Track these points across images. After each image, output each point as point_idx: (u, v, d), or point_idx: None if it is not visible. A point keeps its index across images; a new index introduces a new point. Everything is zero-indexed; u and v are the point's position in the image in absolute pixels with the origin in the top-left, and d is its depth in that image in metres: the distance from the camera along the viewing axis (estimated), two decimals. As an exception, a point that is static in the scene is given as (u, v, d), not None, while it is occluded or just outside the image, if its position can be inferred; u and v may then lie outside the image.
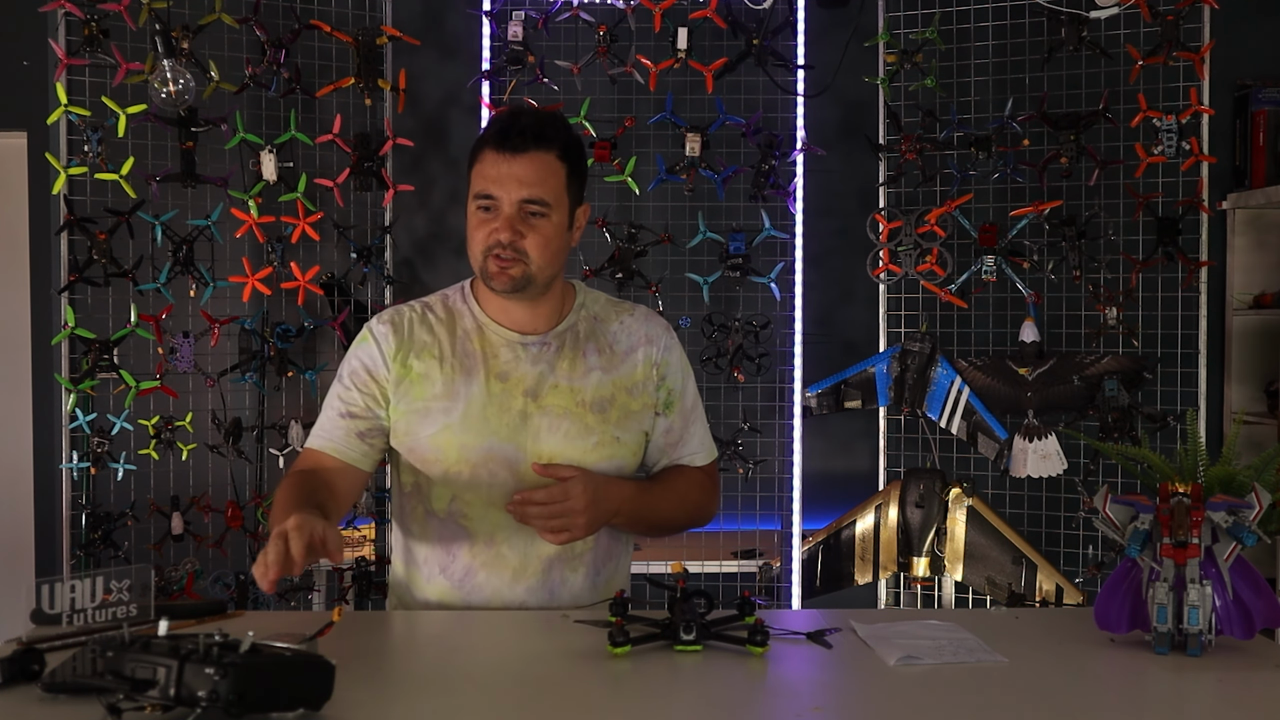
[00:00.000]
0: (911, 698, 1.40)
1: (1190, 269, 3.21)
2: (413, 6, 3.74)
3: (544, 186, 1.74)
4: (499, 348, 1.82)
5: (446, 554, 1.82)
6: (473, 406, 1.77)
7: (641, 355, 1.86)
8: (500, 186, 1.73)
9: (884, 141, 3.42)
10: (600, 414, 1.81)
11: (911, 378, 3.37)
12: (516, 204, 1.73)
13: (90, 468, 3.12)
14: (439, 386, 1.79)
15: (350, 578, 3.32)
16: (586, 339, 1.85)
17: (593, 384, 1.82)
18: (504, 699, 1.41)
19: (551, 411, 1.79)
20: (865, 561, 3.41)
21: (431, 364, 1.80)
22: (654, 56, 3.30)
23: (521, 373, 1.80)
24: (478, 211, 1.76)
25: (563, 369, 1.81)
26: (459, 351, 1.81)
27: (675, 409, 1.89)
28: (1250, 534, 1.52)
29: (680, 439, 1.90)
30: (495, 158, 1.73)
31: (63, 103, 3.04)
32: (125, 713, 1.19)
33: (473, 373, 1.79)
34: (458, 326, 1.84)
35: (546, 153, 1.74)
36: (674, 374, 1.89)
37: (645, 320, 1.90)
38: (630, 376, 1.85)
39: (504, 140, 1.73)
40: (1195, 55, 3.15)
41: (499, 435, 1.77)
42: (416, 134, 3.56)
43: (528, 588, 1.80)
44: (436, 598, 1.83)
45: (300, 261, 3.25)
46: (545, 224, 1.75)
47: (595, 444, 1.79)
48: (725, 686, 1.44)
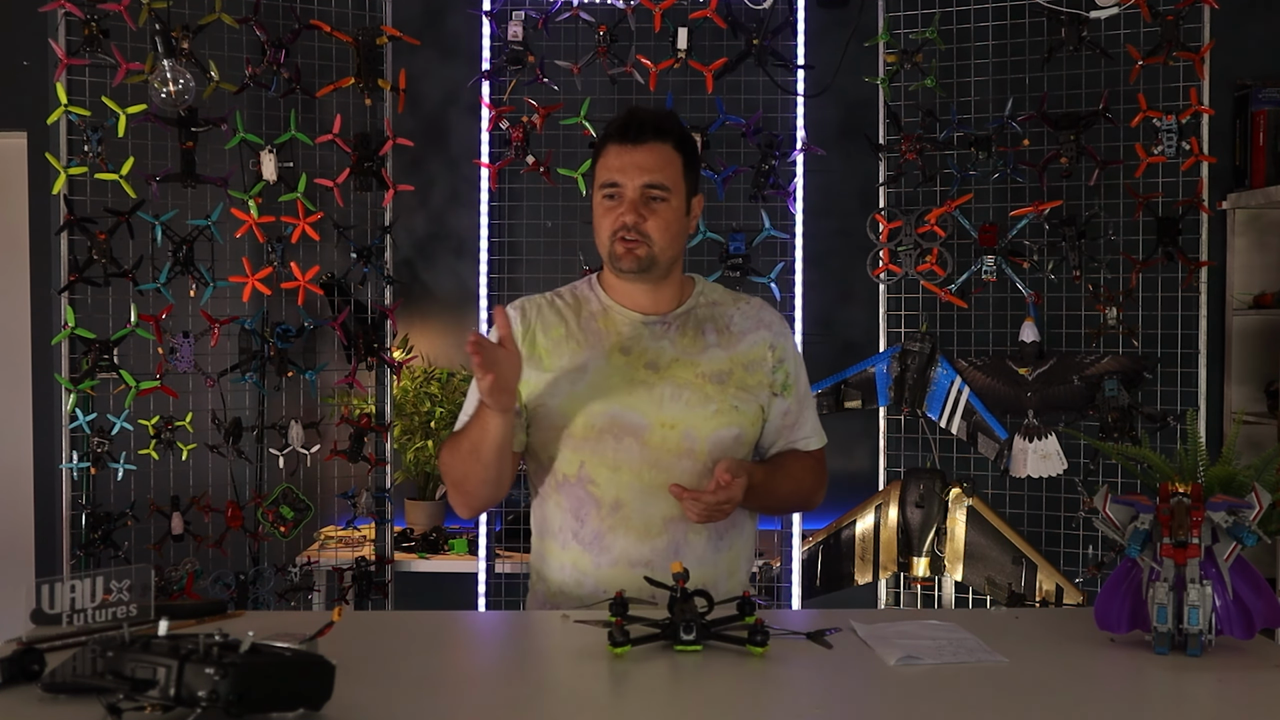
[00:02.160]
0: (911, 698, 1.40)
1: (1190, 269, 3.21)
2: (413, 6, 3.74)
3: (663, 173, 1.88)
4: (622, 326, 1.94)
5: (577, 519, 1.91)
6: (598, 376, 1.90)
7: (758, 338, 1.97)
8: (623, 174, 1.87)
9: (884, 141, 3.42)
10: (719, 385, 1.91)
11: (911, 378, 3.37)
12: (639, 189, 1.87)
13: (90, 468, 3.12)
14: (565, 359, 1.92)
15: (350, 578, 3.31)
16: (704, 321, 1.96)
17: (711, 359, 1.93)
18: (504, 699, 1.41)
19: (673, 381, 1.90)
20: (865, 561, 3.41)
21: (558, 340, 1.94)
22: (654, 56, 3.30)
23: (643, 347, 1.92)
24: (604, 201, 1.90)
25: (683, 346, 1.93)
26: (585, 329, 1.95)
27: (792, 392, 1.99)
28: (1250, 534, 1.52)
29: (796, 422, 2.00)
30: (618, 149, 1.89)
31: (63, 103, 3.04)
32: (125, 713, 1.19)
33: (597, 347, 1.93)
34: (583, 310, 1.98)
35: (664, 143, 1.89)
36: (790, 359, 1.99)
37: (761, 308, 2.03)
38: (747, 354, 1.95)
39: (625, 133, 1.89)
40: (1195, 55, 3.15)
41: (622, 402, 1.88)
42: (416, 134, 3.56)
43: (653, 547, 1.87)
44: (571, 562, 1.91)
45: (300, 261, 3.25)
46: (665, 208, 1.89)
47: (715, 411, 1.89)
48: (725, 686, 1.44)
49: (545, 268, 3.58)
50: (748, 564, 2.01)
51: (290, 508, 3.27)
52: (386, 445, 3.37)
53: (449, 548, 3.56)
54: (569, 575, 1.91)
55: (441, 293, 3.91)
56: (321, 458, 3.36)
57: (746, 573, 2.00)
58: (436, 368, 3.82)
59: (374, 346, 3.33)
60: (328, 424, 3.38)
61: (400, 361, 3.48)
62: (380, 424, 3.36)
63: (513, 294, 3.65)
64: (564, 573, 1.92)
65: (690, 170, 1.94)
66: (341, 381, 3.34)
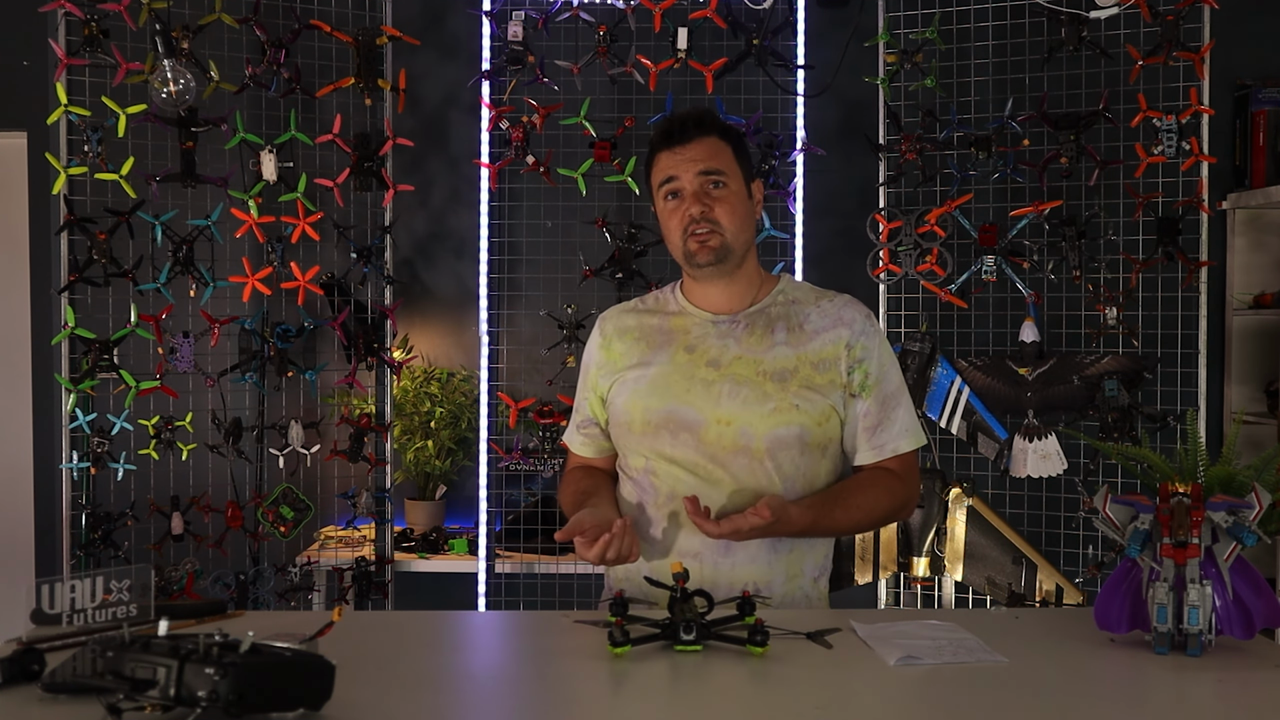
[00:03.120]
0: (911, 698, 1.40)
1: (1190, 269, 3.21)
2: (413, 6, 3.74)
3: (717, 159, 1.92)
4: (691, 326, 1.98)
5: (640, 510, 1.95)
6: (659, 373, 1.94)
7: (834, 336, 1.94)
8: (679, 169, 1.92)
9: (884, 141, 3.42)
10: (780, 383, 1.90)
11: (911, 378, 3.36)
12: (696, 179, 1.91)
13: (90, 468, 3.12)
14: (635, 358, 1.98)
15: (350, 578, 3.31)
16: (777, 319, 1.96)
17: (776, 356, 1.92)
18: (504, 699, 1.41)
19: (733, 379, 1.90)
20: (865, 561, 3.41)
21: (631, 343, 2.00)
22: (654, 56, 3.30)
23: (707, 345, 1.95)
24: (667, 202, 1.94)
25: (748, 343, 1.94)
26: (657, 330, 2.00)
27: (872, 393, 1.94)
28: (1250, 534, 1.52)
29: (879, 423, 1.95)
30: (668, 153, 1.94)
31: (63, 103, 3.04)
32: (125, 713, 1.18)
33: (665, 347, 1.97)
34: (660, 313, 2.03)
35: (708, 136, 1.93)
36: (873, 359, 1.95)
37: (845, 305, 2.00)
38: (818, 353, 1.93)
39: (669, 136, 1.94)
40: (1195, 55, 3.15)
41: (679, 399, 1.91)
42: (416, 134, 3.56)
43: (704, 540, 1.85)
44: None
45: (300, 261, 3.25)
46: (727, 192, 1.92)
47: (772, 410, 1.88)
48: (725, 686, 1.44)
49: (545, 268, 3.58)
50: (814, 569, 1.95)
51: (290, 508, 3.27)
52: (386, 445, 3.37)
53: (449, 548, 3.56)
54: (632, 564, 1.91)
55: (441, 293, 3.91)
56: (321, 458, 3.36)
57: (812, 579, 1.95)
58: (436, 368, 3.82)
59: (374, 346, 3.33)
60: (328, 424, 3.39)
61: (400, 361, 3.48)
62: (380, 424, 3.36)
63: (513, 294, 3.68)
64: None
65: (741, 156, 1.96)
66: (341, 381, 3.34)
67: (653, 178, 1.97)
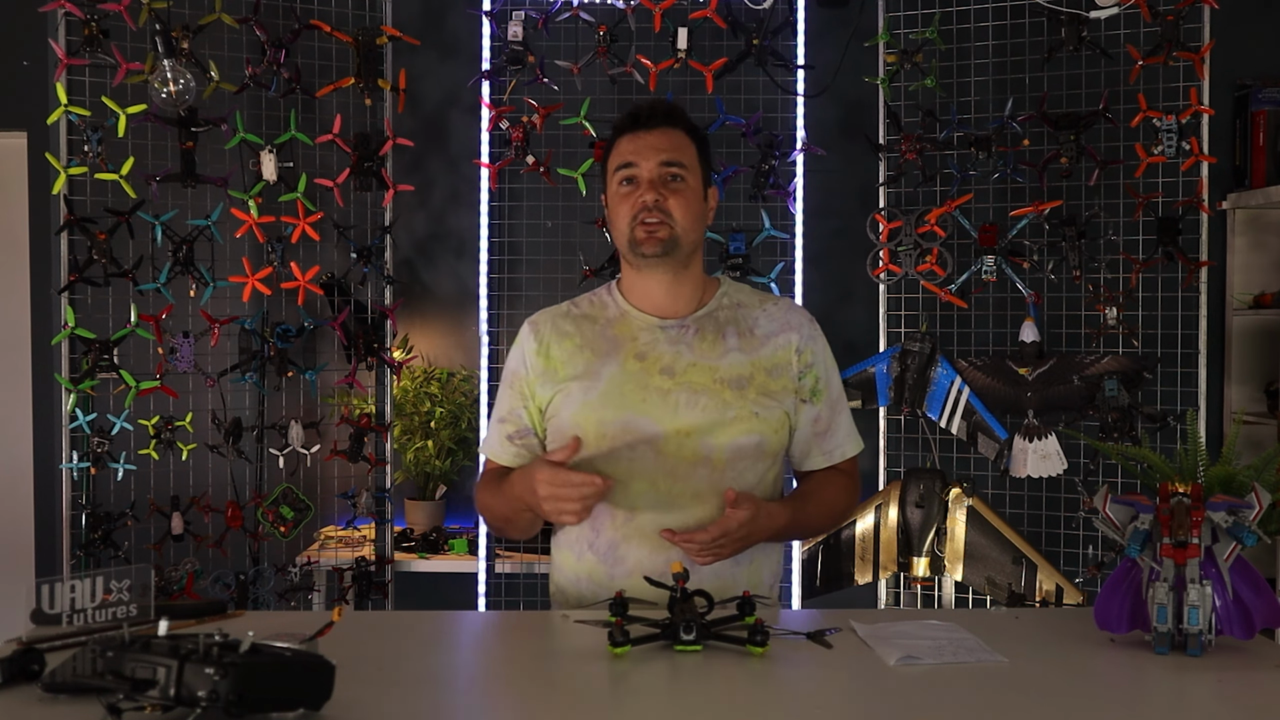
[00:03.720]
0: (911, 698, 1.40)
1: (1190, 269, 3.21)
2: (413, 6, 3.74)
3: (680, 153, 1.88)
4: (638, 331, 1.90)
5: (592, 530, 1.86)
6: (611, 384, 1.85)
7: (784, 340, 1.91)
8: (639, 155, 1.86)
9: (884, 141, 3.42)
10: (738, 390, 1.85)
11: (911, 378, 3.36)
12: (656, 167, 1.86)
13: (90, 468, 3.12)
14: (579, 369, 1.88)
15: (350, 578, 3.31)
16: (726, 324, 1.91)
17: (731, 363, 1.87)
18: (504, 699, 1.41)
19: (690, 387, 1.84)
20: (865, 561, 3.41)
21: (572, 350, 1.90)
22: (654, 56, 3.30)
23: (659, 352, 1.87)
24: (621, 186, 1.88)
25: (701, 349, 1.88)
26: (600, 337, 1.91)
27: (822, 398, 1.93)
28: (1250, 534, 1.52)
29: (828, 429, 1.95)
30: (631, 136, 1.89)
31: (63, 103, 3.04)
32: (125, 713, 1.18)
33: (612, 354, 1.88)
34: (600, 317, 1.94)
35: (676, 129, 1.89)
36: (820, 363, 1.94)
37: (789, 309, 1.97)
38: (771, 358, 1.89)
39: (636, 120, 1.89)
40: (1195, 55, 3.15)
41: (636, 409, 1.83)
42: (416, 134, 3.56)
43: (668, 559, 1.78)
44: (587, 574, 1.88)
45: (300, 261, 3.25)
46: (685, 187, 1.87)
47: (733, 418, 1.83)
48: (725, 686, 1.44)
49: (545, 268, 3.58)
50: (770, 578, 1.93)
51: (290, 508, 3.27)
52: (386, 445, 3.37)
53: (449, 548, 3.56)
54: (585, 588, 1.87)
55: (441, 293, 3.91)
56: (321, 458, 3.36)
57: (769, 587, 1.92)
58: (436, 368, 3.82)
59: (374, 346, 3.33)
60: (328, 424, 3.39)
61: (400, 361, 3.48)
62: (380, 424, 3.36)
63: (513, 294, 3.68)
64: (580, 585, 1.88)
65: (704, 157, 1.92)
66: (341, 381, 3.34)
67: (609, 161, 1.91)
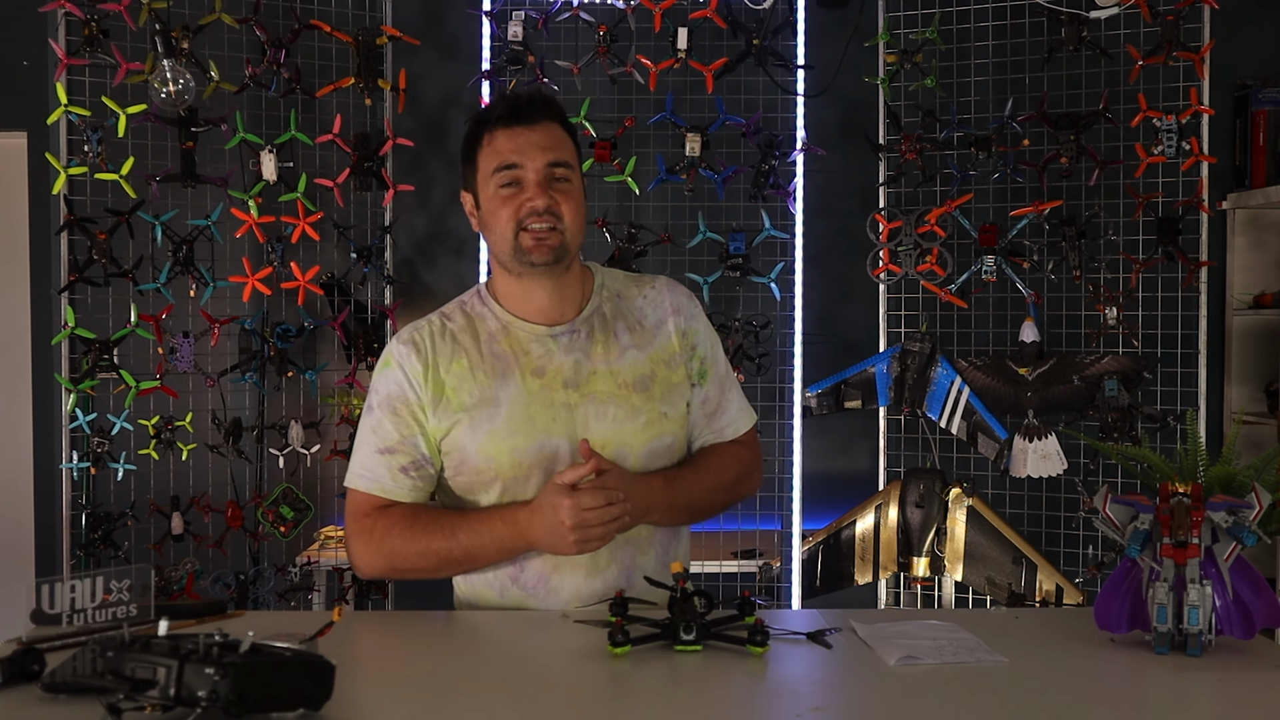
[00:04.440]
0: (911, 698, 1.40)
1: (1190, 269, 3.21)
2: (413, 6, 3.74)
3: (564, 150, 1.75)
4: (528, 344, 1.77)
5: (515, 565, 1.75)
6: (515, 408, 1.72)
7: (672, 326, 1.83)
8: (522, 154, 1.72)
9: (884, 141, 3.42)
10: (644, 392, 1.77)
11: (911, 378, 3.36)
12: (543, 169, 1.72)
13: (90, 468, 3.12)
14: (476, 395, 1.73)
15: (350, 578, 3.31)
16: (614, 319, 1.81)
17: (630, 363, 1.78)
18: (504, 699, 1.40)
19: (596, 398, 1.74)
20: (865, 561, 3.41)
21: (463, 374, 1.74)
22: (654, 56, 3.30)
23: (557, 365, 1.76)
24: (500, 190, 1.73)
25: (598, 354, 1.77)
26: (488, 355, 1.76)
27: (710, 377, 1.85)
28: (1250, 534, 1.52)
29: (718, 408, 1.87)
30: (510, 132, 1.73)
31: (63, 103, 3.04)
32: (125, 713, 1.18)
33: (507, 374, 1.74)
34: (481, 330, 1.79)
35: (555, 122, 1.77)
36: (703, 342, 1.85)
37: (669, 290, 1.86)
38: (666, 349, 1.81)
39: (516, 115, 1.74)
40: (1195, 55, 3.15)
41: (549, 432, 1.72)
42: (416, 134, 3.56)
43: (604, 580, 1.74)
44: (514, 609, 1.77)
45: (300, 261, 3.25)
46: (571, 188, 1.75)
47: (645, 424, 1.75)
48: (725, 686, 1.44)
49: (545, 268, 3.58)
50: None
51: (290, 508, 3.27)
52: (386, 445, 3.37)
53: (449, 548, 3.55)
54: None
55: (441, 293, 3.90)
56: (321, 458, 3.36)
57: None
58: (436, 368, 3.81)
59: (374, 346, 3.33)
60: (328, 424, 3.38)
61: (400, 361, 3.48)
62: (380, 424, 3.35)
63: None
64: None
65: (578, 152, 1.80)
66: (341, 381, 3.34)
67: (481, 158, 1.75)
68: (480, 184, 1.77)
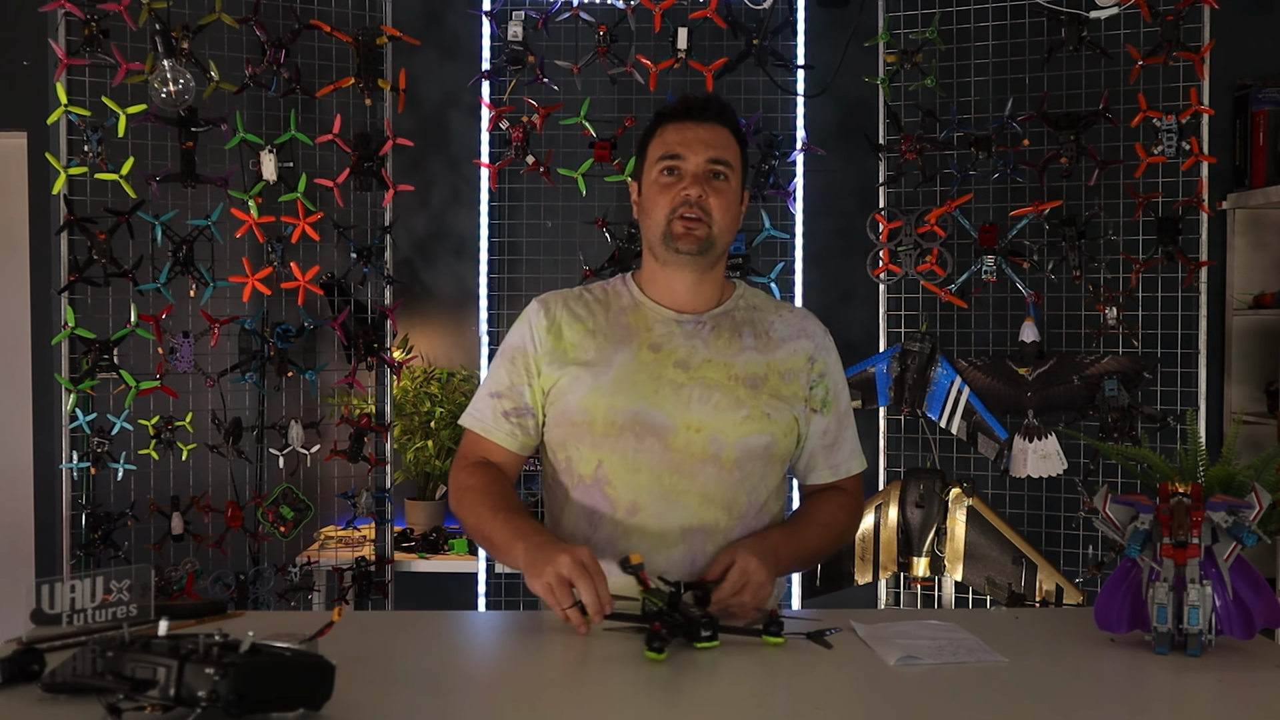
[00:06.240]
0: (911, 698, 1.40)
1: (1190, 269, 3.21)
2: (413, 6, 3.74)
3: (726, 151, 1.83)
4: (654, 323, 1.85)
5: (589, 524, 1.80)
6: (623, 371, 1.80)
7: (798, 346, 1.88)
8: (687, 147, 1.81)
9: (884, 141, 3.42)
10: (752, 389, 1.81)
11: (911, 378, 3.36)
12: (703, 163, 1.80)
13: (90, 468, 3.12)
14: (591, 354, 1.82)
15: (350, 578, 3.31)
16: (743, 324, 1.87)
17: (747, 361, 1.83)
18: (505, 699, 1.41)
19: (704, 383, 1.80)
20: (865, 561, 3.41)
21: (584, 334, 1.84)
22: (654, 56, 3.30)
23: (674, 345, 1.83)
24: (662, 176, 1.82)
25: (716, 345, 1.83)
26: (613, 324, 1.86)
27: (832, 410, 1.90)
28: (1250, 534, 1.52)
29: (835, 442, 1.91)
30: (680, 126, 1.83)
31: (63, 103, 3.04)
32: (125, 713, 1.18)
33: (625, 343, 1.83)
34: (613, 304, 1.89)
35: (725, 126, 1.84)
36: (832, 373, 1.91)
37: (805, 317, 1.94)
38: (785, 362, 1.86)
39: (688, 111, 1.83)
40: (1195, 55, 3.15)
41: (647, 400, 1.78)
42: (416, 134, 3.56)
43: (668, 558, 1.76)
44: None
45: (300, 261, 3.25)
46: (727, 187, 1.82)
47: (745, 416, 1.79)
48: (725, 686, 1.44)
49: (545, 268, 3.59)
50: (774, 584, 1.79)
51: (290, 508, 3.27)
52: (386, 445, 3.37)
53: (449, 548, 3.56)
54: None
55: (441, 293, 3.91)
56: (321, 458, 3.36)
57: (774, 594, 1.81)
58: (436, 368, 3.82)
59: (374, 346, 3.33)
60: (328, 424, 3.39)
61: (400, 361, 3.48)
62: (380, 424, 3.36)
63: (513, 294, 3.67)
64: None
65: (744, 161, 1.87)
66: (341, 381, 3.34)
67: (651, 148, 1.85)
68: (645, 171, 1.87)
